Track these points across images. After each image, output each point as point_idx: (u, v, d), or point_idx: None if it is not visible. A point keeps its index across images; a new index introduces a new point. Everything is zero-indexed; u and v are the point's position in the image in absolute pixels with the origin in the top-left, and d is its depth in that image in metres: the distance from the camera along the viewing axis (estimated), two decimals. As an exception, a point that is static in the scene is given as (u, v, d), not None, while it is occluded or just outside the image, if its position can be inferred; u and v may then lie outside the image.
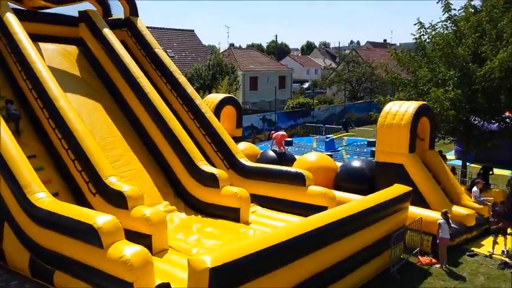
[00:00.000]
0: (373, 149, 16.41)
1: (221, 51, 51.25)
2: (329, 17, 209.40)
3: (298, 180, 12.14)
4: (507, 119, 15.32)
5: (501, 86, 14.32)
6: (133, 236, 8.67)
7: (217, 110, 16.24)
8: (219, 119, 15.66)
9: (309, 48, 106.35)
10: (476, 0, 24.73)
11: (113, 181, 9.90)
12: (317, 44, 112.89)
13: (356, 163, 14.52)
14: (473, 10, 15.95)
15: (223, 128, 14.28)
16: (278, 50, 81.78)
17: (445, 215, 10.64)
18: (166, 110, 13.01)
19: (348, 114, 36.14)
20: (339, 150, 24.54)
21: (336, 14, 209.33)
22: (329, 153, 21.64)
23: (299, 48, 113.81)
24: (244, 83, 42.68)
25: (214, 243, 9.64)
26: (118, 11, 15.68)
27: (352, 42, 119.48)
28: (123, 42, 14.58)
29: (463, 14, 15.76)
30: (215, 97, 17.21)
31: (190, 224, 10.97)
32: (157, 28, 40.10)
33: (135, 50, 14.94)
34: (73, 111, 10.94)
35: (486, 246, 11.83)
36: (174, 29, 43.06)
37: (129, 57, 13.91)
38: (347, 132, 31.21)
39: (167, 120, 12.72)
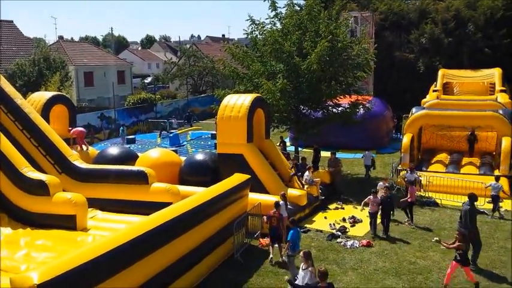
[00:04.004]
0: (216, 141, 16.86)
1: (49, 44, 46.51)
2: (168, 10, 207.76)
3: (141, 178, 11.75)
4: (329, 107, 17.24)
5: (321, 77, 16.03)
6: None
7: (45, 110, 14.84)
8: (48, 119, 14.26)
9: (149, 41, 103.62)
10: (299, -1, 27.12)
11: None
12: (157, 38, 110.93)
13: (199, 156, 14.71)
14: (299, 8, 17.48)
15: (51, 129, 13.00)
16: (115, 44, 77.76)
17: (283, 197, 11.56)
18: (-22, 111, 11.27)
19: (192, 108, 36.45)
20: (184, 145, 24.62)
21: (175, 7, 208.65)
22: (174, 148, 21.58)
23: (139, 42, 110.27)
24: (78, 79, 39.54)
25: (46, 256, 8.75)
26: None
27: (192, 36, 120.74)
28: None
29: (288, 12, 17.15)
30: (41, 96, 15.60)
31: (17, 238, 9.77)
32: (-36, 18, 34.38)
33: None
34: None
35: (317, 222, 13.21)
36: (-13, 19, 37.39)
37: None
38: (191, 126, 31.48)
39: (-20, 124, 11.03)
